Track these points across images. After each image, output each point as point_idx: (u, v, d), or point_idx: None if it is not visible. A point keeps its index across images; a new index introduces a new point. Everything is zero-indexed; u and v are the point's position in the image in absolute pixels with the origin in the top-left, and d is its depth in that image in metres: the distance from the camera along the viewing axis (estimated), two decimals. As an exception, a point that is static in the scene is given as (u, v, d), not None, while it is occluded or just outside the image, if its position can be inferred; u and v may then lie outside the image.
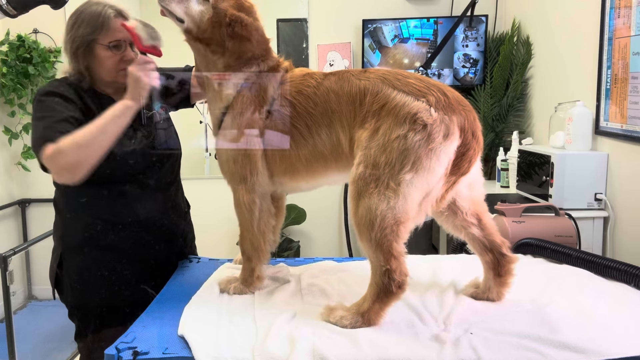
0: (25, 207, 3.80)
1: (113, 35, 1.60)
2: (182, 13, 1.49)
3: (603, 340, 1.19)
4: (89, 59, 1.62)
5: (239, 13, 1.46)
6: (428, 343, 1.20)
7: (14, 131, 3.57)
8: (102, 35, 1.60)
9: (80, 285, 1.67)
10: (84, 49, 1.60)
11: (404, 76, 1.35)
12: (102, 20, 1.59)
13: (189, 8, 1.48)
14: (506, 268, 1.44)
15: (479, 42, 3.79)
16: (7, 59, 3.44)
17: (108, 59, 1.61)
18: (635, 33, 2.19)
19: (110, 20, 1.60)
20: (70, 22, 1.63)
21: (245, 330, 1.28)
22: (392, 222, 1.25)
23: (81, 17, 1.61)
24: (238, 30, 1.45)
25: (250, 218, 1.50)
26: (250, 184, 1.48)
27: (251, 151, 1.46)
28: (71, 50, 1.62)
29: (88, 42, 1.60)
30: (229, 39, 1.46)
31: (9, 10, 1.29)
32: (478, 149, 1.34)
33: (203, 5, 1.48)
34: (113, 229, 1.66)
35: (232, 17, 1.45)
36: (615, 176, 2.38)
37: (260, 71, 1.48)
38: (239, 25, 1.45)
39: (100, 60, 1.62)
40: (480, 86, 3.77)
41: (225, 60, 1.48)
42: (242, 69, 1.48)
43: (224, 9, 1.46)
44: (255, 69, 1.48)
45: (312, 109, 1.41)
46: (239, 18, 1.45)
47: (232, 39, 1.46)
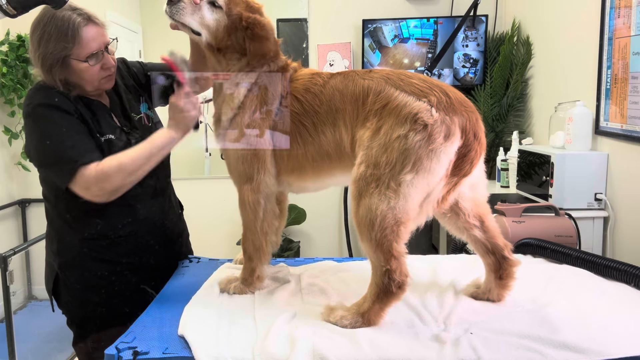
0: (25, 207, 3.80)
1: (87, 46, 1.50)
2: (197, 25, 1.46)
3: (603, 340, 1.19)
4: (67, 74, 1.53)
5: (254, 15, 1.46)
6: (428, 343, 1.20)
7: (14, 131, 3.57)
8: (76, 48, 1.49)
9: (81, 298, 1.64)
10: (60, 65, 1.50)
11: (407, 76, 1.35)
12: (73, 32, 1.48)
13: (203, 18, 1.46)
14: (508, 271, 1.44)
15: (479, 42, 3.79)
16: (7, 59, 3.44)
17: (87, 71, 1.53)
18: (635, 33, 2.19)
19: (81, 31, 1.49)
20: (36, 37, 1.50)
21: (245, 330, 1.28)
22: (392, 223, 1.25)
23: (47, 30, 1.48)
24: (257, 31, 1.45)
25: (254, 218, 1.50)
26: (256, 183, 1.48)
27: (260, 150, 1.46)
28: (44, 68, 1.51)
29: (62, 58, 1.49)
30: (250, 41, 1.45)
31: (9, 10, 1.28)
32: (480, 151, 1.33)
33: (217, 14, 1.46)
34: (115, 241, 1.63)
35: (249, 19, 1.45)
36: (615, 176, 2.38)
37: (271, 71, 1.49)
38: (257, 26, 1.45)
39: (79, 73, 1.53)
40: (480, 86, 3.77)
41: (246, 62, 1.48)
42: (254, 70, 1.48)
43: (238, 13, 1.46)
44: (265, 69, 1.49)
45: (318, 107, 1.42)
46: (255, 20, 1.45)
47: (252, 41, 1.45)
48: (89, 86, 1.57)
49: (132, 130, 1.67)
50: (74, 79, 1.55)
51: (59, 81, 1.53)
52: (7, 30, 3.52)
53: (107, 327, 1.61)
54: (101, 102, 1.63)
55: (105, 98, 1.67)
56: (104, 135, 1.57)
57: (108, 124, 1.61)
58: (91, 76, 1.55)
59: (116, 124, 1.63)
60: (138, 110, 1.72)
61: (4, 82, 3.44)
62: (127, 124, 1.66)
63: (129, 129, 1.66)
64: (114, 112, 1.66)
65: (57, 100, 1.52)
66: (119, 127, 1.63)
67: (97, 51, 1.53)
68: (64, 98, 1.53)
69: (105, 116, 1.61)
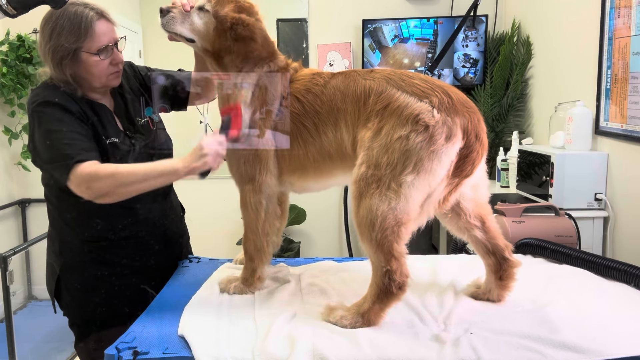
0: (25, 207, 3.80)
1: (99, 40, 1.52)
2: (188, 32, 1.48)
3: (603, 340, 1.19)
4: (76, 68, 1.53)
5: (239, 15, 1.46)
6: (428, 343, 1.20)
7: (14, 131, 3.57)
8: (87, 41, 1.51)
9: (81, 298, 1.63)
10: (70, 58, 1.51)
11: (409, 77, 1.34)
12: (85, 25, 1.50)
13: (193, 24, 1.48)
14: (508, 272, 1.44)
15: (479, 42, 3.79)
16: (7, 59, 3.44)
17: (97, 66, 1.54)
18: (635, 33, 2.19)
19: (94, 24, 1.51)
20: (47, 30, 1.52)
21: (245, 330, 1.28)
22: (393, 223, 1.25)
23: (60, 23, 1.50)
24: (241, 31, 1.45)
25: (255, 219, 1.50)
26: (257, 184, 1.48)
27: (262, 151, 1.46)
28: (54, 61, 1.52)
29: (73, 50, 1.51)
30: (233, 41, 1.46)
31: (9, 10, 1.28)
32: (482, 152, 1.33)
33: (205, 17, 1.48)
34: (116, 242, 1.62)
35: (233, 19, 1.45)
36: (615, 176, 2.38)
37: (271, 71, 1.49)
38: (240, 26, 1.45)
39: (88, 67, 1.54)
40: (480, 86, 3.77)
41: (233, 62, 1.48)
42: (253, 71, 1.48)
43: (225, 15, 1.46)
44: (266, 70, 1.49)
45: (319, 107, 1.42)
46: (239, 19, 1.45)
47: (236, 41, 1.46)
48: (97, 82, 1.58)
49: (136, 135, 1.66)
50: (83, 73, 1.55)
51: (68, 76, 1.53)
52: (7, 30, 3.51)
53: (108, 328, 1.61)
54: (105, 105, 1.63)
55: (110, 101, 1.66)
56: (109, 138, 1.57)
57: (112, 128, 1.61)
58: (100, 71, 1.56)
59: (119, 128, 1.63)
60: (142, 114, 1.72)
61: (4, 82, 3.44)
62: (130, 128, 1.66)
63: (133, 132, 1.66)
64: (118, 116, 1.66)
65: (59, 99, 1.51)
66: (122, 131, 1.63)
67: (108, 45, 1.54)
68: (68, 97, 1.53)
69: (109, 119, 1.61)
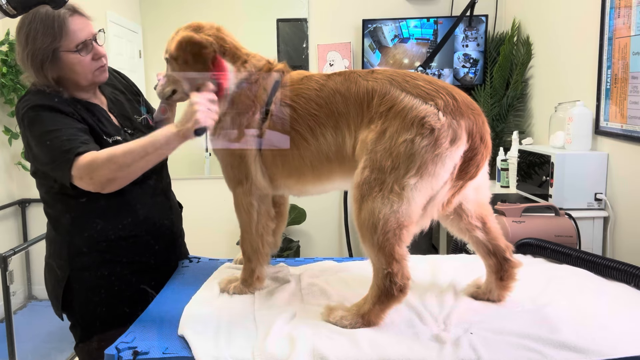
0: (25, 207, 3.80)
1: (76, 36, 1.49)
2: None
3: (603, 340, 1.19)
4: (59, 69, 1.50)
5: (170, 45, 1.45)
6: (428, 343, 1.20)
7: (14, 131, 3.57)
8: (64, 40, 1.48)
9: (81, 299, 1.62)
10: (50, 60, 1.48)
11: (412, 78, 1.32)
12: (59, 24, 1.47)
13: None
14: (509, 273, 1.43)
15: (479, 42, 3.79)
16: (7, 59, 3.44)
17: (79, 63, 1.51)
18: (635, 33, 2.19)
19: (67, 22, 1.48)
20: (22, 36, 1.49)
21: (245, 330, 1.28)
22: (395, 226, 1.24)
23: (33, 26, 1.47)
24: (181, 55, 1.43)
25: (248, 220, 1.49)
26: (247, 186, 1.47)
27: (245, 155, 1.45)
28: (35, 66, 1.49)
29: (51, 52, 1.47)
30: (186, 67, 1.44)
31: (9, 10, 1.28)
32: (486, 154, 1.31)
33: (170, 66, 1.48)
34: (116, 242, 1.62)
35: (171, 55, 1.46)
36: (615, 176, 2.38)
37: (251, 75, 1.45)
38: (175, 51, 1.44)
39: (71, 66, 1.51)
40: (480, 86, 3.77)
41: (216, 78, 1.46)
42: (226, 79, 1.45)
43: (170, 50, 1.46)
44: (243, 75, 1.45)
45: (315, 110, 1.38)
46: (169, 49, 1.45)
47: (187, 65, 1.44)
48: (83, 80, 1.55)
49: (135, 131, 1.66)
50: (68, 74, 1.52)
51: (52, 80, 1.50)
52: (7, 30, 3.51)
53: (108, 328, 1.61)
54: (98, 104, 1.62)
55: (102, 100, 1.65)
56: (111, 136, 1.56)
57: (112, 126, 1.60)
58: (84, 68, 1.53)
59: (118, 126, 1.63)
60: (139, 112, 1.72)
61: (4, 82, 3.44)
62: (128, 125, 1.66)
63: (132, 129, 1.65)
64: (113, 114, 1.65)
65: (50, 101, 1.49)
66: (121, 129, 1.63)
67: (86, 40, 1.51)
68: (58, 99, 1.51)
69: (106, 118, 1.61)
